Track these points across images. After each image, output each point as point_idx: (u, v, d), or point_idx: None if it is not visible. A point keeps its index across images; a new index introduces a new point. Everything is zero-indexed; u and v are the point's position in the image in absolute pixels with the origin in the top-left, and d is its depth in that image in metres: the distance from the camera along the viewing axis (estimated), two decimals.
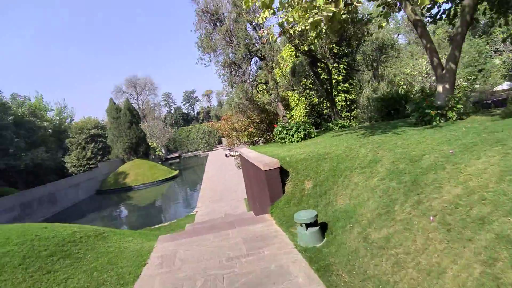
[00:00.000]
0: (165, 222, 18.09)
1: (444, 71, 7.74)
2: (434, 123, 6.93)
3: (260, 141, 15.19)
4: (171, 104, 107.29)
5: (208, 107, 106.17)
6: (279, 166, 6.44)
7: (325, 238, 4.65)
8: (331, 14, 4.24)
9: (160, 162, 49.21)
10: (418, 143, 5.23)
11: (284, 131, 10.29)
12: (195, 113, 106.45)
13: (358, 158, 5.70)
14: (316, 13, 4.38)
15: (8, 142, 23.70)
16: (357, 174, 5.30)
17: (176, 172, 37.28)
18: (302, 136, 10.15)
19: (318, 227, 4.60)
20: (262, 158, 7.09)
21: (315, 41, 7.45)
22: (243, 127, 12.66)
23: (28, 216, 21.81)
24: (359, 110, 17.96)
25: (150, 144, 49.05)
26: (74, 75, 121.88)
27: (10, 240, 5.12)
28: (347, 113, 17.84)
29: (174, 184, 33.09)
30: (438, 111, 7.05)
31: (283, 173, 6.69)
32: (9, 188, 27.42)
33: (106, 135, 41.47)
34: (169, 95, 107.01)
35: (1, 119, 23.84)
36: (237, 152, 34.42)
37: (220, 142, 72.51)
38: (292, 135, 10.23)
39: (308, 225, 4.55)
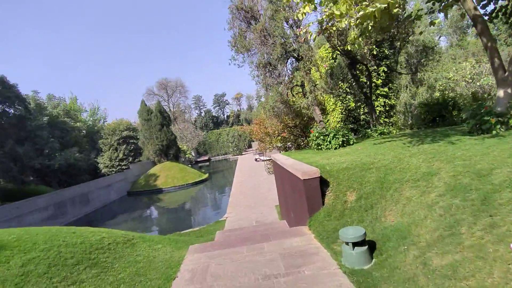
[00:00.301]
0: (194, 226, 18.23)
1: (506, 74, 7.00)
2: (494, 131, 6.23)
3: (293, 147, 14.82)
4: (201, 107, 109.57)
5: (238, 110, 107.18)
6: (319, 175, 6.07)
7: (373, 259, 4.23)
8: (385, 5, 3.86)
9: (190, 165, 50.21)
10: (483, 154, 4.66)
11: (321, 137, 9.87)
12: (225, 116, 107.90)
13: (409, 169, 5.21)
14: (367, 5, 4.01)
15: (43, 142, 25.15)
16: (409, 187, 4.82)
17: (206, 175, 37.76)
18: (340, 142, 9.68)
19: (367, 246, 4.19)
20: (300, 166, 6.75)
21: (359, 39, 7.01)
22: (276, 132, 12.37)
23: (61, 215, 22.94)
24: (399, 116, 17.05)
25: (180, 146, 50.23)
26: (107, 77, 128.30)
27: (37, 245, 5.12)
28: (386, 119, 16.99)
29: (203, 187, 33.52)
30: (499, 119, 6.33)
31: (322, 183, 6.31)
32: (45, 187, 29.15)
33: (138, 137, 42.97)
34: (200, 98, 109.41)
35: (37, 119, 25.33)
36: (268, 157, 34.19)
37: (249, 146, 72.77)
38: (330, 142, 9.79)
39: (355, 244, 4.15)
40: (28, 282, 4.25)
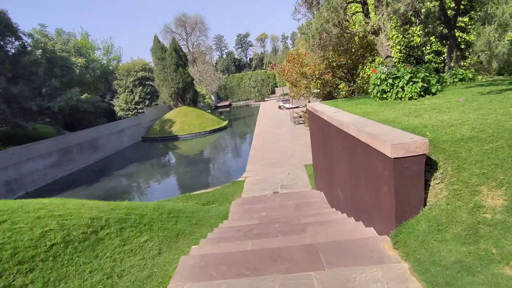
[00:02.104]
0: (210, 183, 16.14)
1: None
2: None
3: (335, 94, 11.64)
4: (223, 48, 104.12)
5: (261, 53, 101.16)
6: (427, 152, 3.17)
7: None
8: None
9: (209, 111, 47.85)
10: None
11: (389, 81, 6.68)
12: (248, 59, 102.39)
13: None
14: None
15: (40, 81, 22.85)
16: None
17: (225, 122, 35.31)
18: (419, 90, 6.49)
19: None
20: (381, 129, 3.83)
21: None
22: (317, 72, 9.19)
23: (67, 162, 21.51)
24: (478, 58, 13.15)
25: (199, 90, 47.42)
26: (121, 13, 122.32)
27: None
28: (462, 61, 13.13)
29: (222, 135, 31.28)
30: None
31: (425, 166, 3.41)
32: (48, 127, 27.51)
33: (154, 78, 40.36)
34: (221, 38, 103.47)
35: (31, 54, 22.65)
36: (293, 105, 30.77)
37: (273, 92, 69.02)
38: (402, 88, 6.62)
39: None
40: None
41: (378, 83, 6.88)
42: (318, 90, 10.80)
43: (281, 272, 3.29)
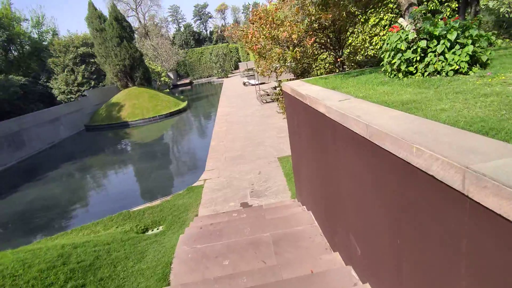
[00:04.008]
0: (159, 187, 13.09)
1: None
2: None
3: (317, 69, 9.02)
4: (180, 20, 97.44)
5: (222, 25, 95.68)
6: None
7: None
8: None
9: (167, 90, 43.67)
10: None
11: (421, 44, 4.08)
12: (208, 32, 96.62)
13: None
14: None
15: None
16: None
17: (184, 104, 31.71)
18: (468, 58, 3.95)
19: None
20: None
21: None
22: (294, 36, 6.43)
23: None
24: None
25: (153, 67, 42.89)
26: None
27: None
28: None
29: (181, 119, 27.85)
30: None
31: None
32: None
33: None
34: (177, 9, 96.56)
35: None
36: (262, 82, 27.55)
37: (236, 68, 65.34)
38: (443, 54, 4.04)
39: None
40: None
41: (403, 47, 4.26)
42: (295, 64, 8.08)
43: None
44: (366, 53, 8.41)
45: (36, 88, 36.53)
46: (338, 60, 7.33)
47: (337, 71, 7.42)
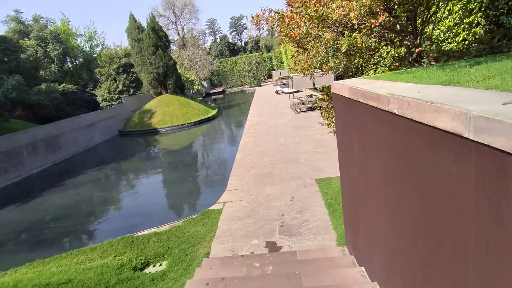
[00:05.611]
0: (174, 205, 11.21)
1: None
2: None
3: (374, 68, 6.74)
4: (216, 32, 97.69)
5: (257, 36, 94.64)
6: None
7: None
8: None
9: (199, 98, 42.69)
10: None
11: None
12: (243, 43, 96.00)
13: None
14: None
15: None
16: None
17: (214, 111, 30.17)
18: None
19: None
20: None
21: None
22: (353, 15, 4.34)
23: (12, 168, 16.63)
24: None
25: (187, 76, 42.10)
26: None
27: None
28: None
29: (210, 128, 26.24)
30: None
31: None
32: (21, 122, 22.61)
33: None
34: (214, 21, 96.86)
35: None
36: (296, 90, 24.90)
37: (269, 76, 63.56)
38: None
39: None
40: None
41: None
42: (343, 60, 5.85)
43: None
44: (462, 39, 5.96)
45: (83, 95, 37.37)
46: (416, 50, 4.96)
47: (407, 67, 5.11)
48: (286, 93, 29.75)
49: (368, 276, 3.80)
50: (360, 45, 4.11)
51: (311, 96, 20.91)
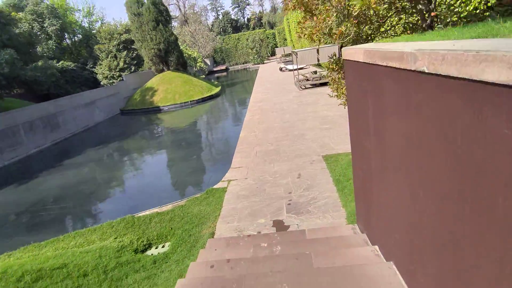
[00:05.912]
0: (175, 185, 10.92)
1: None
2: None
3: (384, 36, 6.21)
4: (219, 8, 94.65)
5: (260, 12, 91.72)
6: None
7: None
8: None
9: (203, 76, 41.80)
10: None
11: None
12: (245, 19, 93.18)
13: None
14: None
15: None
16: None
17: (218, 89, 29.49)
18: None
19: None
20: None
21: None
22: None
23: (10, 148, 16.31)
24: None
25: (190, 53, 41.02)
26: None
27: None
28: None
29: (213, 105, 25.70)
30: None
31: None
32: (17, 100, 22.11)
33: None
34: None
35: None
36: (294, 65, 24.16)
37: (273, 54, 62.04)
38: None
39: None
40: None
41: None
42: (353, 28, 5.31)
43: None
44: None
45: (83, 73, 36.58)
46: (432, 14, 4.42)
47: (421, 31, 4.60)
48: (290, 70, 28.89)
49: (382, 255, 3.47)
50: (374, 6, 3.57)
51: (315, 72, 20.16)
